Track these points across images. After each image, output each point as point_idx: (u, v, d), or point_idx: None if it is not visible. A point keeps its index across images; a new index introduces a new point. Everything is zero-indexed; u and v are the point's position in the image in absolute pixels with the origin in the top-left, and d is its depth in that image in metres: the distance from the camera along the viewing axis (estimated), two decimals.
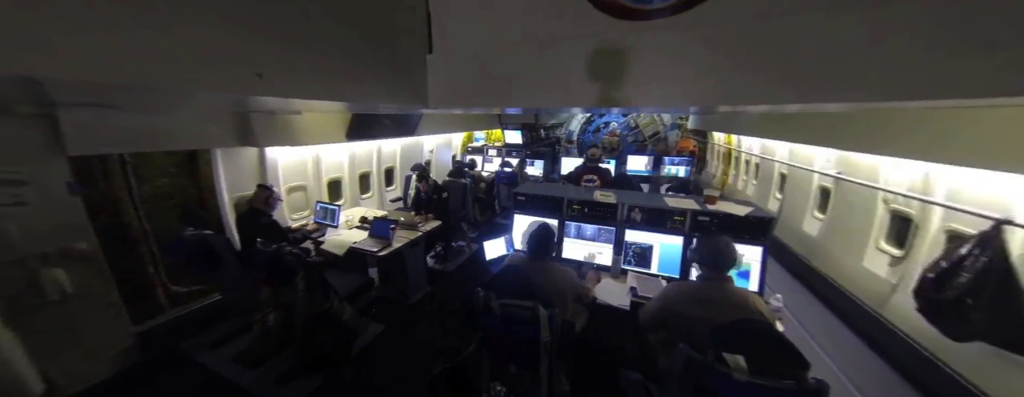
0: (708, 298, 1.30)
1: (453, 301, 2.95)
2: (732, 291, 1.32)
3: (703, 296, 1.32)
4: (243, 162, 2.82)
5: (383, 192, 4.31)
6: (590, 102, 1.46)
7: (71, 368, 1.88)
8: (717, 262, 1.35)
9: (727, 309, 1.24)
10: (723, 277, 1.35)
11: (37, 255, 1.78)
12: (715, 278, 1.35)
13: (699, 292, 1.35)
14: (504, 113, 5.27)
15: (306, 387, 1.98)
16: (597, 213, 2.34)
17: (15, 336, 1.62)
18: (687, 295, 1.36)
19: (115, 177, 2.24)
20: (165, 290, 2.46)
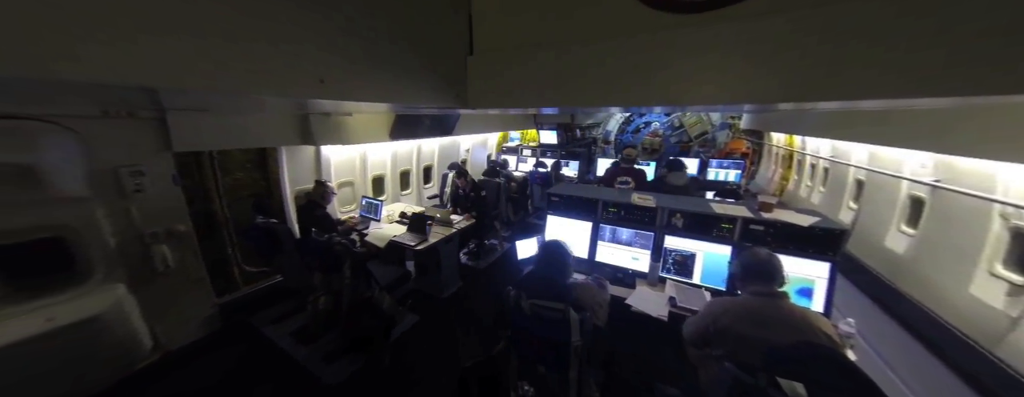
0: (762, 316, 1.18)
1: (484, 298, 3.02)
2: (791, 309, 1.18)
3: (757, 313, 1.20)
4: (303, 159, 3.16)
5: (421, 189, 4.55)
6: (634, 101, 1.40)
7: (170, 329, 2.27)
8: (766, 275, 1.22)
9: (785, 330, 1.11)
10: (778, 293, 1.22)
11: (150, 233, 2.16)
12: (768, 294, 1.22)
13: (752, 308, 1.22)
14: (540, 113, 5.25)
15: (349, 367, 2.17)
16: (634, 217, 2.23)
17: (134, 299, 1.99)
18: (738, 310, 1.24)
19: (205, 170, 2.63)
20: (239, 270, 2.85)
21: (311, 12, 1.21)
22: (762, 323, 1.16)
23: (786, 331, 1.10)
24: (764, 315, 1.18)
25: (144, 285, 2.11)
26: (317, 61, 1.27)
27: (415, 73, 1.67)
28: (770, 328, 1.13)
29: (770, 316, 1.17)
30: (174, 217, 2.29)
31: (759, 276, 1.23)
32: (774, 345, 0.99)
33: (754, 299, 1.25)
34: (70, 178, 1.83)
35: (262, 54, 1.10)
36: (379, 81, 1.52)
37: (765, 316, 1.17)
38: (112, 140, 1.98)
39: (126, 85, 0.88)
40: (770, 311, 1.18)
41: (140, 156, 2.10)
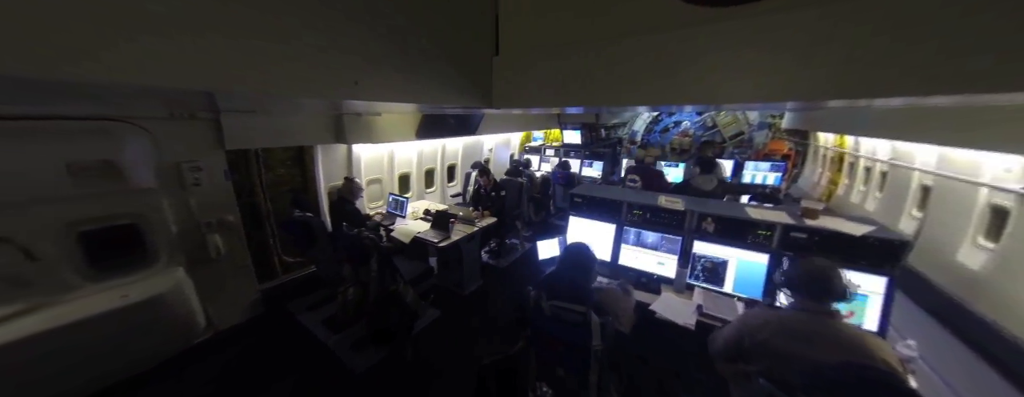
0: (807, 332, 1.08)
1: (504, 296, 3.05)
2: (842, 328, 1.08)
3: (800, 329, 1.10)
4: (336, 157, 3.35)
5: (445, 187, 4.67)
6: (665, 99, 1.35)
7: (220, 311, 2.50)
8: (818, 291, 1.11)
9: (833, 349, 1.01)
10: (828, 310, 1.12)
11: (205, 223, 2.39)
12: (816, 310, 1.12)
13: (796, 323, 1.13)
14: (564, 112, 5.19)
15: (374, 356, 2.28)
16: (661, 220, 2.15)
17: (191, 282, 2.22)
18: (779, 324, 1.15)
19: (251, 167, 2.87)
20: (279, 259, 3.09)
21: (347, 18, 1.28)
22: (807, 339, 1.06)
23: (834, 350, 1.00)
24: (810, 331, 1.08)
25: (199, 270, 2.35)
26: (352, 64, 1.33)
27: (442, 74, 1.72)
28: (815, 346, 1.03)
29: (817, 332, 1.07)
30: (225, 209, 2.52)
31: (812, 289, 1.11)
32: (818, 364, 0.92)
33: (800, 314, 1.14)
34: (143, 172, 2.07)
35: (304, 58, 1.18)
36: (408, 82, 1.58)
37: (811, 332, 1.07)
38: (176, 138, 2.21)
39: (190, 89, 0.99)
40: (817, 327, 1.08)
41: (198, 153, 2.34)
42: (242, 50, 1.02)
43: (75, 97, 1.67)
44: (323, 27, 1.22)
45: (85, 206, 1.90)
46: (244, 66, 1.03)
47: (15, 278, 1.70)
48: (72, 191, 1.83)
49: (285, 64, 1.14)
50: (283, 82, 1.16)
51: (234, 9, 0.98)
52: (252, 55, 1.04)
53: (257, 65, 1.06)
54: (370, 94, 1.47)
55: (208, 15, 0.93)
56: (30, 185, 1.72)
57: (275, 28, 1.09)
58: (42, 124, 1.72)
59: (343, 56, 1.30)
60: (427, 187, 4.44)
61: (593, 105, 1.65)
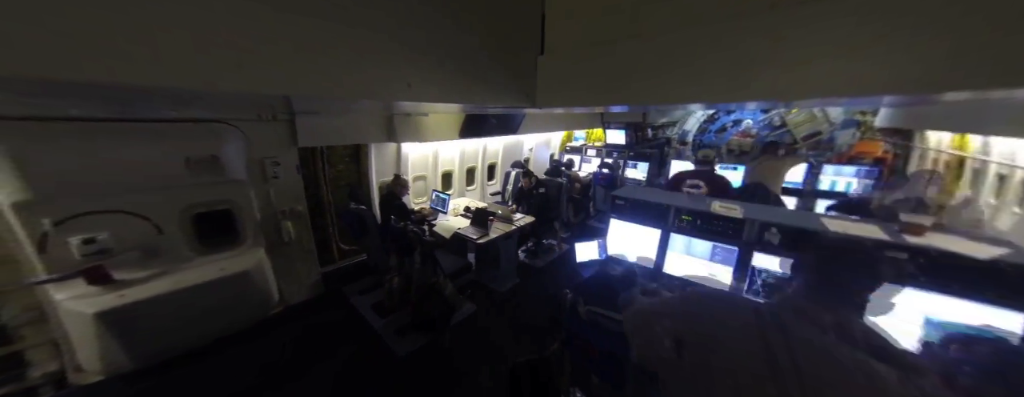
0: None
1: (540, 296, 3.06)
2: None
3: None
4: (387, 154, 3.65)
5: (485, 185, 4.81)
6: (731, 97, 1.25)
7: (289, 288, 2.88)
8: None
9: None
10: None
11: (281, 211, 2.77)
12: None
13: None
14: (607, 111, 5.02)
15: (415, 343, 2.44)
16: (714, 228, 1.98)
17: (268, 261, 2.58)
18: None
19: (317, 162, 3.25)
20: (337, 246, 3.46)
21: (401, 24, 1.35)
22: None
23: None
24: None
25: (274, 251, 2.73)
26: (406, 67, 1.43)
27: (488, 74, 1.78)
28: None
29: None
30: (296, 199, 2.89)
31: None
32: None
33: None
34: (237, 165, 2.46)
35: (364, 64, 1.29)
36: (456, 83, 1.66)
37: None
38: (261, 137, 2.59)
39: (272, 94, 1.16)
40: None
41: (277, 150, 2.71)
42: (313, 59, 1.15)
43: (189, 102, 2.05)
44: (381, 33, 1.31)
45: (196, 193, 2.32)
46: (314, 72, 1.17)
47: (150, 248, 2.14)
48: (188, 180, 2.25)
49: (348, 69, 1.26)
50: (346, 85, 1.30)
51: (304, 23, 1.11)
52: (321, 63, 1.17)
53: (325, 71, 1.19)
54: (422, 95, 1.56)
55: (284, 30, 1.07)
56: (161, 175, 2.15)
57: (340, 37, 1.20)
58: (171, 126, 2.14)
59: (398, 60, 1.39)
60: (468, 185, 4.62)
61: (645, 103, 1.58)
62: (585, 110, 4.07)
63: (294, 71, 1.13)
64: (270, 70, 1.07)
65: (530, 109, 2.47)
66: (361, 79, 1.33)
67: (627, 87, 1.52)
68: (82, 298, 1.87)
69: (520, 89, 1.97)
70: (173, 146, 2.16)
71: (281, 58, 1.08)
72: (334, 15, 1.17)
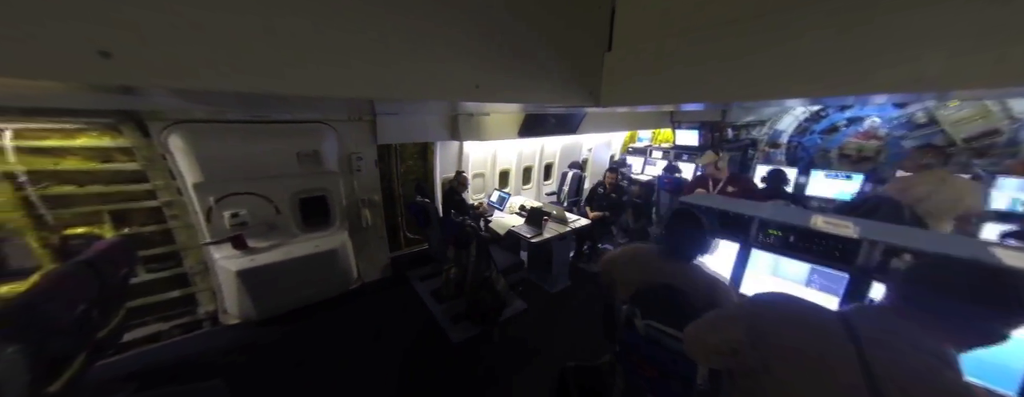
0: None
1: (592, 302, 3.01)
2: None
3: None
4: (450, 152, 3.96)
5: (541, 185, 4.88)
6: (848, 89, 1.06)
7: (365, 268, 3.36)
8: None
9: None
10: None
11: (361, 200, 3.24)
12: None
13: None
14: (678, 110, 4.62)
15: (468, 332, 2.64)
16: (815, 247, 1.70)
17: (350, 243, 3.05)
18: None
19: (391, 158, 3.70)
20: (404, 235, 3.90)
21: (470, 24, 1.40)
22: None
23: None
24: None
25: (355, 235, 3.21)
26: (474, 68, 1.48)
27: (553, 73, 1.80)
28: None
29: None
30: (373, 190, 3.35)
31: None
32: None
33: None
34: (331, 159, 2.96)
35: (438, 66, 1.37)
36: (522, 83, 1.71)
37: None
38: (350, 135, 3.05)
39: (362, 98, 1.35)
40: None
41: (361, 147, 3.16)
42: (397, 65, 1.26)
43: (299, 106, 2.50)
44: (452, 35, 1.36)
45: (303, 181, 2.87)
46: (397, 78, 1.28)
47: (271, 224, 2.73)
48: (298, 170, 2.78)
49: (425, 73, 1.36)
50: (422, 88, 1.42)
51: (391, 33, 1.21)
52: (403, 68, 1.27)
53: (405, 75, 1.30)
54: (489, 96, 1.65)
55: (374, 40, 1.18)
56: (280, 165, 2.70)
57: (419, 42, 1.28)
58: (288, 126, 2.67)
59: (469, 62, 1.44)
60: (524, 184, 4.74)
61: (729, 100, 1.44)
62: (651, 108, 3.81)
63: (381, 77, 1.25)
64: (363, 77, 1.22)
65: (592, 108, 2.43)
66: (435, 81, 1.43)
67: (708, 81, 1.41)
68: (229, 259, 2.50)
69: (584, 88, 1.96)
70: (288, 142, 2.70)
71: (372, 66, 1.20)
72: (415, 20, 1.25)
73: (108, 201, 2.23)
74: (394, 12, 1.19)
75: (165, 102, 1.92)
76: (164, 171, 2.34)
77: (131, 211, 2.32)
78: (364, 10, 1.11)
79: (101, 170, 2.18)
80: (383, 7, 1.14)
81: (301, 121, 2.75)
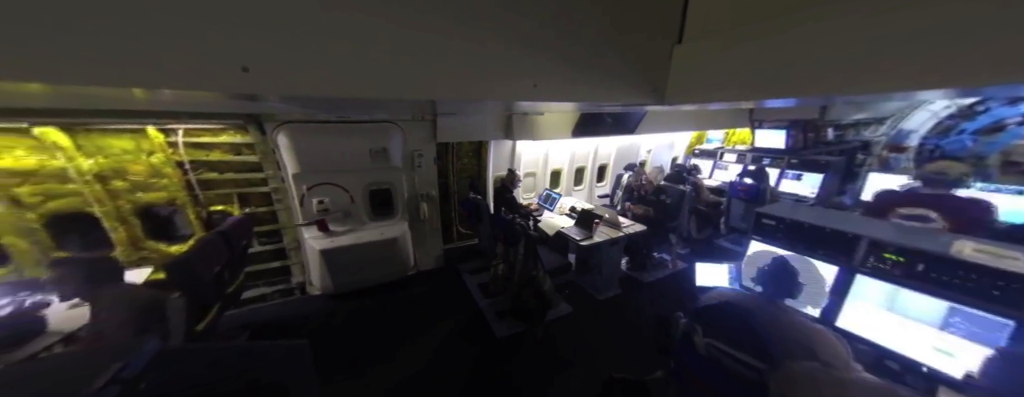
0: None
1: (643, 312, 2.90)
2: None
3: None
4: (503, 151, 4.13)
5: (593, 187, 4.80)
6: (1006, 77, 0.85)
7: (421, 257, 3.71)
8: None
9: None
10: None
11: (420, 194, 3.58)
12: None
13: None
14: (759, 106, 4.10)
15: (512, 329, 2.76)
16: (960, 281, 1.39)
17: (409, 233, 3.40)
18: None
19: (448, 156, 4.00)
20: (456, 229, 4.20)
21: (531, 21, 1.43)
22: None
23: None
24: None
25: (413, 226, 3.56)
26: (532, 67, 1.51)
27: (614, 70, 1.75)
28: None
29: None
30: (431, 185, 3.67)
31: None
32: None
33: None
34: (397, 156, 3.34)
35: (496, 67, 1.44)
36: (581, 81, 1.70)
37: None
38: (413, 134, 3.39)
39: (424, 99, 1.49)
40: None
41: (422, 145, 3.49)
42: (459, 66, 1.36)
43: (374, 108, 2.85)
44: (510, 36, 1.41)
45: (373, 174, 3.28)
46: (455, 79, 1.38)
47: (346, 211, 3.20)
48: (369, 165, 3.20)
49: (484, 73, 1.42)
50: (480, 88, 1.49)
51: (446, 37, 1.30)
52: (460, 70, 1.37)
53: (463, 77, 1.38)
54: (546, 95, 1.67)
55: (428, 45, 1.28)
56: (355, 160, 3.14)
57: (479, 42, 1.36)
58: (363, 126, 3.09)
59: (526, 60, 1.48)
60: (576, 185, 4.71)
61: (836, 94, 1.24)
62: (724, 106, 3.45)
63: (443, 80, 1.35)
64: (430, 79, 1.33)
65: (655, 107, 2.32)
66: (493, 81, 1.47)
67: (805, 73, 1.24)
68: (315, 239, 3.00)
69: (647, 84, 1.90)
70: (363, 140, 3.12)
71: (436, 67, 1.31)
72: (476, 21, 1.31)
73: (237, 186, 2.88)
74: (454, 15, 1.26)
75: (276, 106, 2.40)
76: (273, 163, 2.91)
77: (251, 194, 2.95)
78: (427, 17, 1.22)
79: (234, 161, 2.82)
80: (445, 13, 1.25)
81: (374, 121, 3.16)
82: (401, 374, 2.28)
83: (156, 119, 2.43)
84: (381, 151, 3.23)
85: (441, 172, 3.87)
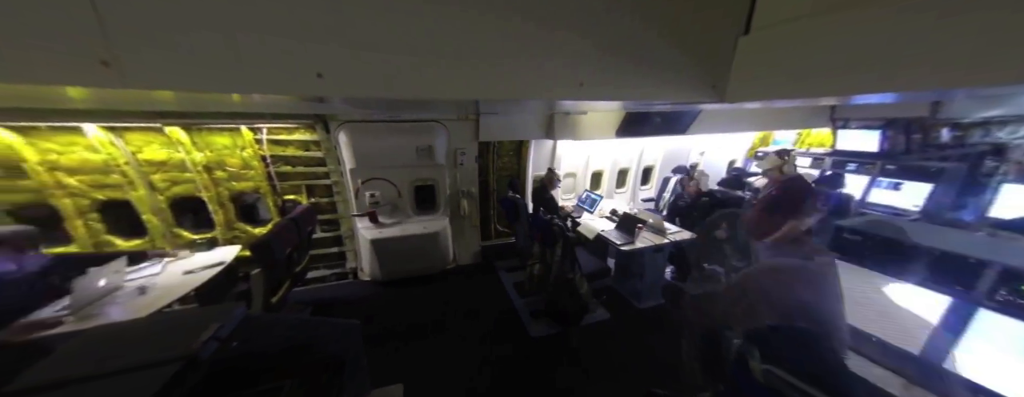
0: None
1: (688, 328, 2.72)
2: None
3: None
4: (543, 151, 4.14)
5: (637, 190, 4.60)
6: None
7: (460, 252, 3.89)
8: None
9: None
10: None
11: (461, 191, 3.75)
12: None
13: None
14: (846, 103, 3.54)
15: (547, 329, 2.77)
16: None
17: (450, 228, 3.59)
18: None
19: (489, 155, 4.13)
20: (494, 226, 4.33)
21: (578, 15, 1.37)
22: None
23: None
24: None
25: (454, 222, 3.74)
26: (579, 65, 1.45)
27: (668, 65, 1.65)
28: None
29: None
30: (471, 183, 3.82)
31: None
32: None
33: None
34: (440, 153, 3.53)
35: (542, 65, 1.41)
36: (630, 78, 1.62)
37: None
38: (456, 133, 3.56)
39: (469, 99, 1.55)
40: None
41: (464, 143, 3.65)
42: (503, 65, 1.35)
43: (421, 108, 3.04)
44: (559, 29, 1.36)
45: (418, 171, 3.52)
46: (503, 78, 1.38)
47: (394, 205, 3.48)
48: (416, 162, 3.44)
49: (528, 72, 1.40)
50: (524, 88, 1.49)
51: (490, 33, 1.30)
52: (504, 67, 1.36)
53: (510, 75, 1.38)
54: (593, 93, 1.63)
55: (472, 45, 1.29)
56: (403, 157, 3.39)
57: (525, 41, 1.33)
58: (411, 125, 3.32)
59: (573, 58, 1.42)
60: (618, 187, 4.55)
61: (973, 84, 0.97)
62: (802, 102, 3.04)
63: (487, 78, 1.36)
64: (473, 79, 1.35)
65: (712, 105, 2.14)
66: (538, 81, 1.44)
67: (923, 59, 0.97)
68: (367, 229, 3.32)
69: (705, 81, 1.77)
70: (410, 138, 3.35)
71: (480, 68, 1.32)
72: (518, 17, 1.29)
73: (305, 178, 3.29)
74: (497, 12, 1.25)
75: (340, 107, 2.71)
76: (335, 158, 3.28)
77: (315, 186, 3.36)
78: (471, 13, 1.24)
79: (304, 156, 3.23)
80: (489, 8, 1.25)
81: (421, 120, 3.38)
82: (436, 361, 2.44)
83: (247, 120, 2.90)
84: (426, 149, 3.45)
85: (481, 170, 4.01)
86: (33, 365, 0.72)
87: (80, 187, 2.69)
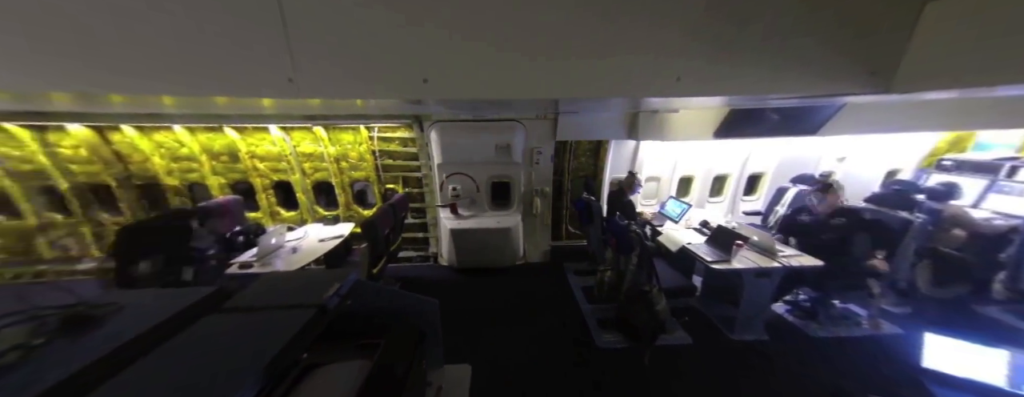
0: None
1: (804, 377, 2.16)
2: None
3: None
4: (623, 152, 3.86)
5: (738, 201, 3.90)
6: None
7: (530, 249, 3.94)
8: None
9: None
10: None
11: (535, 189, 3.78)
12: None
13: None
14: None
15: (615, 341, 2.58)
16: None
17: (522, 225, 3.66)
18: None
19: (565, 154, 4.05)
20: (566, 227, 4.25)
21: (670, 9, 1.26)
22: None
23: None
24: None
25: (526, 219, 3.80)
26: (676, 58, 1.32)
27: (801, 48, 1.34)
28: None
29: None
30: (546, 182, 3.82)
31: None
32: None
33: None
34: (518, 152, 3.62)
35: (631, 62, 1.32)
36: (744, 69, 1.39)
37: None
38: (534, 131, 3.59)
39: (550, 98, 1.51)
40: None
41: (541, 142, 3.66)
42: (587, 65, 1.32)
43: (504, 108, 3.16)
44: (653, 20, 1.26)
45: (496, 168, 3.69)
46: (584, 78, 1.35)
47: (472, 199, 3.73)
48: (494, 159, 3.61)
49: (616, 71, 1.33)
50: (609, 87, 1.39)
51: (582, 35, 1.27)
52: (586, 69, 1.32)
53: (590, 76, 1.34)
54: (692, 90, 1.44)
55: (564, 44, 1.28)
56: (483, 154, 3.58)
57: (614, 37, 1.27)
58: (492, 123, 3.48)
59: (669, 51, 1.30)
60: (712, 196, 3.94)
61: None
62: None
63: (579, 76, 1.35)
64: (565, 78, 1.35)
65: (865, 97, 1.63)
66: (625, 79, 1.35)
67: None
68: (448, 219, 3.66)
69: (860, 66, 1.39)
70: (491, 137, 3.52)
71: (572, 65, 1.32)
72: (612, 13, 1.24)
73: (402, 171, 3.82)
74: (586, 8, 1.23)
75: (435, 108, 3.03)
76: (426, 154, 3.70)
77: (409, 178, 3.86)
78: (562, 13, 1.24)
79: (402, 151, 3.75)
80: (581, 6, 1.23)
81: (501, 119, 3.53)
82: (500, 352, 2.51)
83: (366, 120, 3.52)
84: (505, 147, 3.59)
85: (556, 170, 3.97)
86: (240, 292, 1.02)
87: (264, 170, 3.77)
